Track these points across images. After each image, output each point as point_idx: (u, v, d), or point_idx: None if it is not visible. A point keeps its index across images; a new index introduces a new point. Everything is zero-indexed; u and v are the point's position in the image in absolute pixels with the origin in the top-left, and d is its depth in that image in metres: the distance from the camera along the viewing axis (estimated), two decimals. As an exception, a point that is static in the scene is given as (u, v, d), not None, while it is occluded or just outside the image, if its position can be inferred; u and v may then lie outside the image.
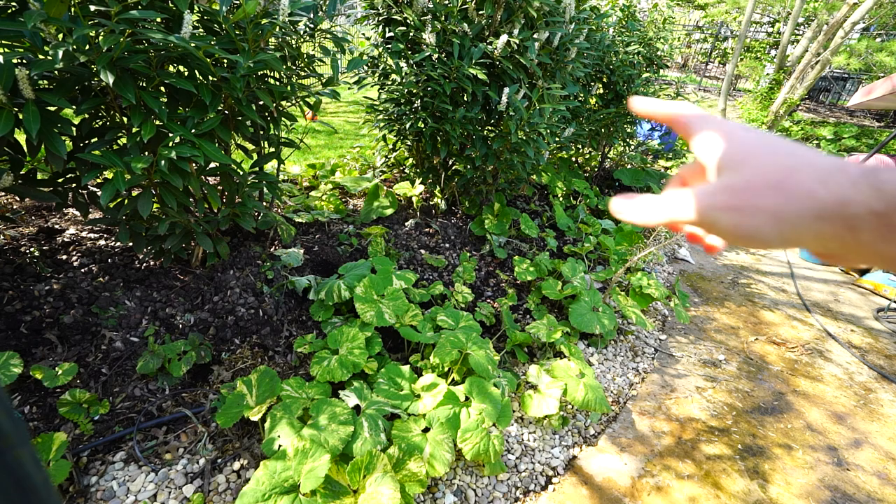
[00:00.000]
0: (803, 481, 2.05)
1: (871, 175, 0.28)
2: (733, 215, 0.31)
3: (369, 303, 2.06)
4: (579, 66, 2.90)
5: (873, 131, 9.13)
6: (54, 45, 1.29)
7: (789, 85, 7.45)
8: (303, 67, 2.05)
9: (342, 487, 1.40)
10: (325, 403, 1.60)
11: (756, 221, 0.30)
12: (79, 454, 1.53)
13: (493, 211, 3.21)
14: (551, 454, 2.00)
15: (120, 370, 1.74)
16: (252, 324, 2.07)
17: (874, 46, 8.61)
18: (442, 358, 1.91)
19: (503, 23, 2.63)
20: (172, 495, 1.50)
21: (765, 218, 0.30)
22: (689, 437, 2.21)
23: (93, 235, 2.25)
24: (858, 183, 0.28)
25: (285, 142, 2.20)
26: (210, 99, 1.56)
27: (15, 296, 1.77)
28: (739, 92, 11.70)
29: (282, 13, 1.58)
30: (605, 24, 3.70)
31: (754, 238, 0.31)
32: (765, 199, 0.30)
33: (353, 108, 6.49)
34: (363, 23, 2.86)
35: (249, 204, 2.06)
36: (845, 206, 0.28)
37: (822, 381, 2.79)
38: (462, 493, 1.73)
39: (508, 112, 2.64)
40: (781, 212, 0.30)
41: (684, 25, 13.07)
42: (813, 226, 0.29)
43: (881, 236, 0.27)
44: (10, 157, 1.56)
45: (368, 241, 2.73)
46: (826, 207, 0.28)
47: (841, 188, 0.28)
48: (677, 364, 2.76)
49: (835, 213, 0.28)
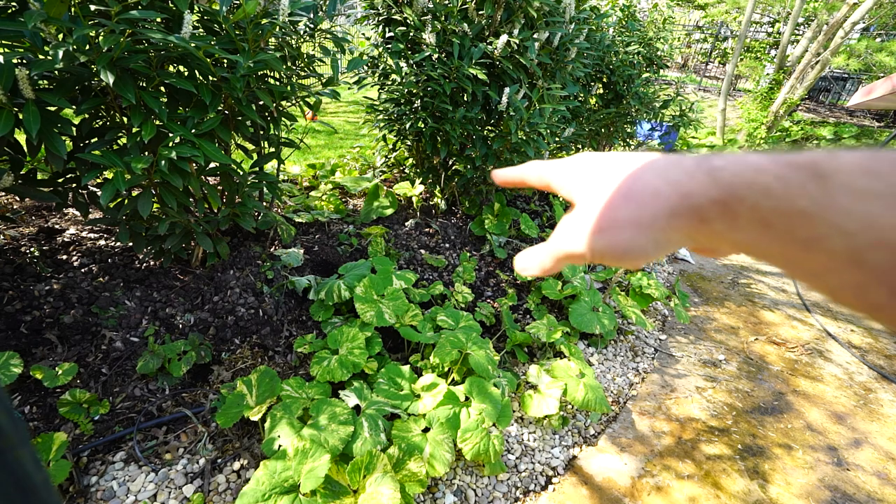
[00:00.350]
0: (803, 481, 2.05)
1: (705, 163, 0.28)
2: (603, 237, 0.31)
3: (369, 303, 2.06)
4: (579, 66, 2.90)
5: (873, 131, 9.13)
6: (54, 45, 1.29)
7: (789, 85, 7.45)
8: (303, 67, 2.05)
9: (342, 487, 1.40)
10: (325, 403, 1.60)
11: (624, 236, 0.30)
12: (79, 454, 1.53)
13: (493, 211, 3.21)
14: (551, 454, 2.00)
15: (120, 370, 1.74)
16: (252, 324, 2.07)
17: (874, 46, 8.61)
18: (442, 358, 1.91)
19: (503, 23, 2.63)
20: (172, 495, 1.50)
21: (630, 230, 0.29)
22: (689, 437, 2.21)
23: (93, 235, 2.25)
24: (694, 173, 0.27)
25: (285, 142, 2.20)
26: (210, 99, 1.56)
27: (15, 296, 1.77)
28: (739, 92, 11.71)
29: (282, 13, 1.58)
30: (605, 24, 3.70)
31: (630, 252, 0.30)
32: (622, 211, 0.30)
33: (353, 108, 6.49)
34: (363, 23, 2.86)
35: (249, 204, 2.06)
36: (688, 197, 0.27)
37: (822, 381, 2.79)
38: (462, 493, 1.73)
39: (508, 112, 2.64)
40: (640, 219, 0.29)
41: (684, 25, 13.07)
42: (672, 224, 0.28)
43: (728, 224, 0.26)
44: (10, 157, 1.56)
45: (368, 241, 2.73)
46: (674, 204, 0.28)
47: (680, 181, 0.28)
48: (677, 364, 2.76)
49: (683, 208, 0.28)
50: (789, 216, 0.23)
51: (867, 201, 0.21)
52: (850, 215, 0.21)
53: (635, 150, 5.64)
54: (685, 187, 0.27)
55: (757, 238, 0.25)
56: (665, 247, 0.30)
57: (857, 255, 0.21)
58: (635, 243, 0.29)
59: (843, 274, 0.22)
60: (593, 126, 4.20)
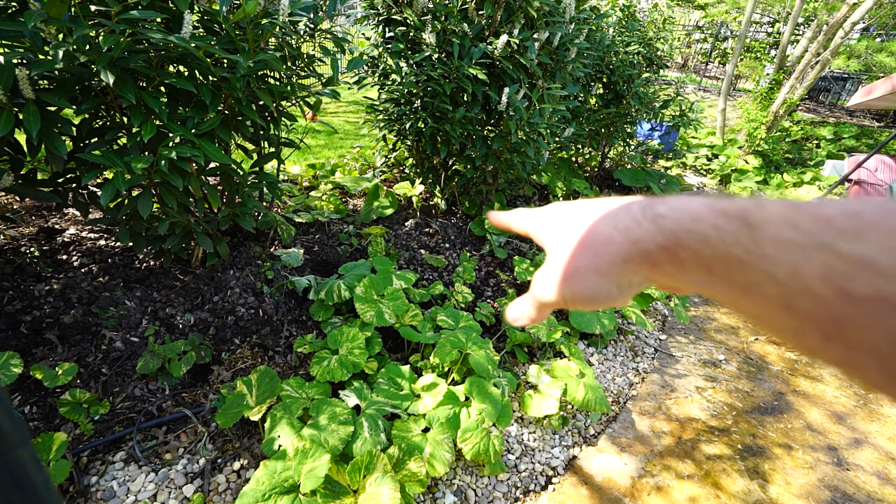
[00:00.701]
0: (803, 481, 2.05)
1: (649, 210, 0.28)
2: (569, 285, 0.32)
3: (369, 303, 2.06)
4: (579, 66, 2.90)
5: (873, 131, 9.12)
6: (54, 45, 1.29)
7: (789, 85, 7.45)
8: (303, 67, 2.05)
9: (342, 487, 1.40)
10: (325, 403, 1.60)
11: (587, 283, 0.31)
12: (79, 454, 1.53)
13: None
14: (551, 454, 2.00)
15: (120, 370, 1.74)
16: (252, 324, 2.07)
17: (874, 47, 8.61)
18: (442, 358, 1.91)
19: (503, 23, 2.62)
20: (172, 495, 1.50)
21: (592, 277, 0.30)
22: (689, 437, 2.21)
23: (93, 235, 2.25)
24: (641, 221, 0.28)
25: (285, 142, 2.20)
26: (210, 99, 1.56)
27: (15, 296, 1.77)
28: (739, 92, 11.70)
29: (282, 13, 1.58)
30: (605, 24, 3.70)
31: (597, 297, 0.31)
32: (582, 259, 0.31)
33: (353, 108, 6.49)
34: (363, 23, 2.86)
35: (249, 204, 2.06)
36: (637, 244, 0.28)
37: (821, 381, 2.79)
38: (462, 493, 1.73)
39: (508, 112, 2.64)
40: (598, 266, 0.30)
41: (684, 25, 13.07)
42: (627, 269, 0.29)
43: (676, 268, 0.27)
44: (10, 157, 1.56)
45: (368, 241, 2.73)
46: (625, 250, 0.29)
47: (629, 228, 0.29)
48: (677, 364, 2.76)
49: (634, 254, 0.28)
50: (727, 263, 0.24)
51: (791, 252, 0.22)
52: (779, 265, 0.22)
53: (635, 149, 5.64)
54: (634, 234, 0.28)
55: (704, 282, 0.26)
56: (628, 289, 0.31)
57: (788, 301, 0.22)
58: (599, 289, 0.31)
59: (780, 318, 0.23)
60: (593, 126, 4.20)
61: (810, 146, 8.68)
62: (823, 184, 6.88)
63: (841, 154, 7.89)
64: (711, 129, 8.57)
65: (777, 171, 7.46)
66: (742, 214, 0.24)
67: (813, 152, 8.35)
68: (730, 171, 6.95)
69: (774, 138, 7.56)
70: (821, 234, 0.21)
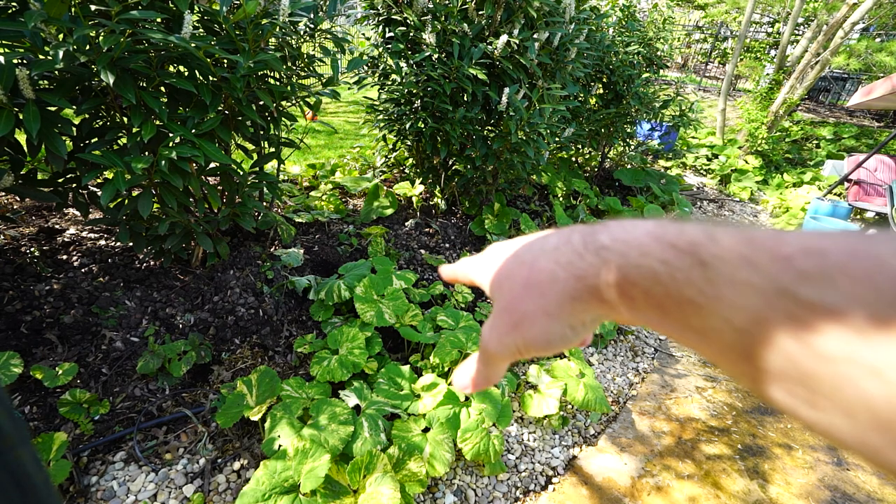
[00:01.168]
0: (803, 481, 2.05)
1: (591, 241, 0.25)
2: (519, 333, 0.28)
3: (369, 303, 2.06)
4: (579, 66, 2.90)
5: (873, 131, 9.13)
6: (55, 46, 1.29)
7: (789, 85, 7.45)
8: (303, 67, 2.05)
9: (342, 487, 1.40)
10: (325, 403, 1.60)
11: (538, 328, 0.27)
12: (79, 454, 1.53)
13: (493, 211, 3.21)
14: (551, 454, 2.00)
15: (120, 370, 1.74)
16: (252, 324, 2.07)
17: (874, 47, 8.61)
18: (442, 358, 1.91)
19: (503, 23, 2.63)
20: (172, 495, 1.50)
21: (542, 320, 0.27)
22: (689, 436, 2.21)
23: (93, 235, 2.25)
24: (583, 253, 0.25)
25: (285, 142, 2.20)
26: (210, 99, 1.56)
27: (15, 296, 1.77)
28: (739, 92, 11.70)
29: (282, 13, 1.58)
30: (604, 25, 3.70)
31: (552, 342, 0.28)
32: (529, 303, 0.28)
33: (353, 108, 6.49)
34: (363, 23, 2.86)
35: (249, 204, 2.06)
36: (583, 280, 0.25)
37: (822, 381, 2.79)
38: (462, 492, 1.73)
39: (508, 112, 2.64)
40: (547, 308, 0.27)
41: (684, 25, 13.07)
42: (577, 307, 0.26)
43: (628, 307, 0.24)
44: (10, 157, 1.56)
45: (368, 241, 2.73)
46: (571, 288, 0.25)
47: (572, 262, 0.26)
48: (677, 364, 2.76)
49: (581, 291, 0.25)
50: (680, 304, 0.21)
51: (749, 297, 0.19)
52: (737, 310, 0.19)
53: (635, 149, 5.64)
54: (577, 269, 0.25)
55: (658, 322, 0.23)
56: (583, 329, 0.27)
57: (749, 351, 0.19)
58: (553, 332, 0.27)
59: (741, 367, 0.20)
60: (593, 126, 4.20)
61: (810, 146, 8.69)
62: (823, 184, 6.89)
63: (841, 154, 7.90)
64: (711, 129, 8.58)
65: (777, 171, 7.46)
66: (693, 249, 0.21)
67: (813, 152, 8.35)
68: (730, 171, 6.96)
69: (774, 138, 7.56)
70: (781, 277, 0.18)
